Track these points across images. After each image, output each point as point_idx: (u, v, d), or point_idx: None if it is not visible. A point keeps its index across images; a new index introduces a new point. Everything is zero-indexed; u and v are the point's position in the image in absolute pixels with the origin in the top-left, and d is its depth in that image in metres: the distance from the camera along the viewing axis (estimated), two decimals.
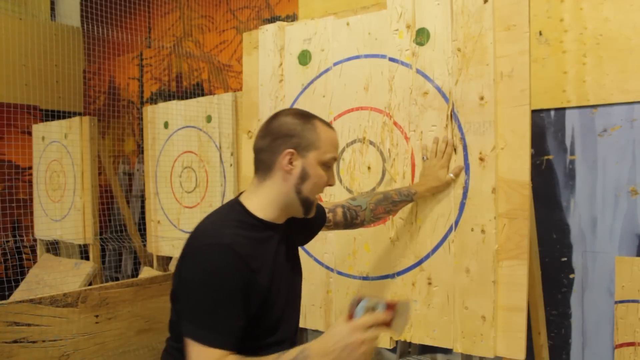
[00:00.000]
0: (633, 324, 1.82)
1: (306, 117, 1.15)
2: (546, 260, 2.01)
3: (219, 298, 1.00)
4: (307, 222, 1.31)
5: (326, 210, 1.41)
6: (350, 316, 0.97)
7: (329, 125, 1.18)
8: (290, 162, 1.11)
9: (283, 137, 1.11)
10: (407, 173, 1.60)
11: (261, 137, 1.15)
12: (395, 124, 1.63)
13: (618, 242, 1.91)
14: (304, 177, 1.12)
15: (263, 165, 1.14)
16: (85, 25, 3.43)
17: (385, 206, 1.48)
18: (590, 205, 1.97)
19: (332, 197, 1.74)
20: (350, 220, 1.45)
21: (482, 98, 1.47)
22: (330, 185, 1.18)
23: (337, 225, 1.44)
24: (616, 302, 1.87)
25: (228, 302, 1.01)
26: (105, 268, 3.89)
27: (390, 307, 0.98)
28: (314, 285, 1.77)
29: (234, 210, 1.14)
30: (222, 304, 1.00)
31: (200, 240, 1.06)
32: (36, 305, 1.76)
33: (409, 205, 1.58)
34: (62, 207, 3.52)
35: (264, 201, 1.13)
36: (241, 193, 1.20)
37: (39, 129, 3.73)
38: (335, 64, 1.75)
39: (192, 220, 2.90)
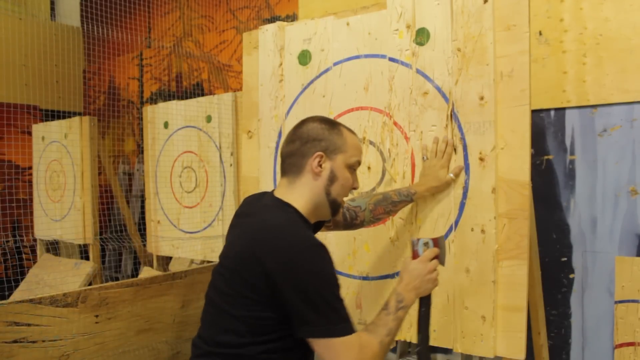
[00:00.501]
0: (633, 324, 1.82)
1: (332, 123, 1.24)
2: (546, 260, 2.01)
3: (335, 291, 1.08)
4: None
5: None
6: (415, 254, 1.28)
7: (353, 131, 1.26)
8: (320, 165, 1.18)
9: (312, 141, 1.19)
10: (407, 173, 1.60)
11: (290, 142, 1.22)
12: (395, 124, 1.63)
13: (618, 242, 1.92)
14: (332, 179, 1.19)
15: (294, 168, 1.20)
16: (85, 25, 3.43)
17: (384, 207, 1.49)
18: (590, 205, 1.97)
19: None
20: (350, 220, 1.46)
21: (482, 98, 1.47)
22: (355, 188, 1.25)
23: (336, 226, 1.45)
24: (616, 302, 1.87)
25: (339, 294, 1.09)
26: (105, 268, 3.89)
27: (435, 242, 1.29)
28: None
29: (292, 212, 1.18)
30: (338, 295, 1.08)
31: (296, 243, 1.08)
32: (36, 305, 1.76)
33: (409, 205, 1.58)
34: (62, 207, 3.52)
35: (301, 202, 1.19)
36: (273, 192, 1.24)
37: (39, 129, 3.73)
38: (335, 64, 1.75)
39: (192, 220, 2.90)
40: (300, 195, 1.19)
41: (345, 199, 1.51)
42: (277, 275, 1.05)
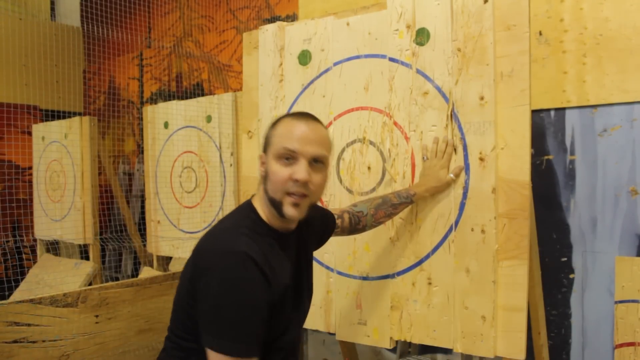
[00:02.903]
0: (633, 324, 1.82)
1: (281, 117, 1.15)
2: (546, 260, 2.01)
3: (241, 308, 0.99)
4: (319, 228, 1.33)
5: (335, 217, 1.41)
6: None
7: (298, 117, 1.12)
8: (262, 164, 1.13)
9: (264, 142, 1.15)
10: (407, 173, 1.60)
11: None
12: (395, 124, 1.63)
13: (618, 242, 1.92)
14: (265, 176, 1.11)
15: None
16: (85, 25, 3.43)
17: (385, 210, 1.48)
18: (590, 205, 1.96)
19: (332, 197, 1.74)
20: (354, 225, 1.46)
21: (482, 98, 1.47)
22: (295, 180, 1.06)
23: (343, 231, 1.45)
24: (616, 302, 1.87)
25: (249, 311, 1.00)
26: (105, 268, 3.89)
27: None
28: (314, 285, 1.77)
29: (249, 217, 1.13)
30: (244, 313, 0.99)
31: (218, 249, 1.04)
32: (36, 305, 1.76)
33: (409, 205, 1.58)
34: (62, 207, 3.52)
35: (259, 205, 1.14)
36: (253, 196, 1.18)
37: (39, 129, 3.73)
38: (335, 64, 1.75)
39: (192, 220, 2.90)
40: (262, 199, 1.14)
41: (347, 205, 1.51)
42: (196, 279, 1.04)
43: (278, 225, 1.13)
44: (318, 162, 1.09)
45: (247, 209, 1.14)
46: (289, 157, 1.07)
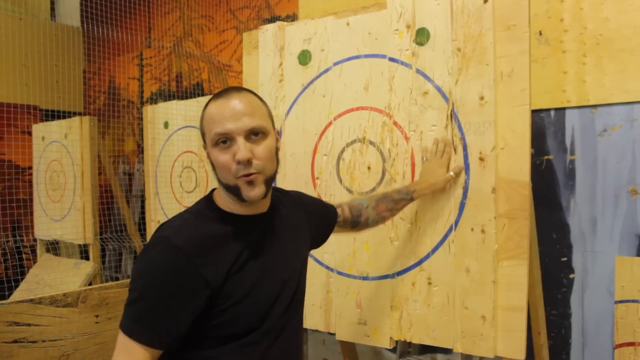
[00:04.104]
0: (633, 324, 1.82)
1: (207, 103, 1.07)
2: (546, 260, 2.01)
3: (145, 290, 0.95)
4: (316, 218, 1.28)
5: (335, 207, 1.39)
6: None
7: (216, 97, 1.05)
8: (208, 156, 1.06)
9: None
10: (407, 173, 1.60)
11: None
12: (395, 124, 1.63)
13: (618, 242, 1.91)
14: (213, 165, 1.05)
15: None
16: (85, 25, 3.43)
17: (387, 204, 1.46)
18: (590, 205, 1.96)
19: (332, 197, 1.74)
20: (356, 217, 1.41)
21: (482, 98, 1.47)
22: (238, 161, 0.99)
23: (345, 223, 1.40)
24: (616, 302, 1.87)
25: (154, 296, 0.95)
26: (105, 268, 3.89)
27: None
28: (314, 285, 1.77)
29: (200, 202, 1.09)
30: (154, 300, 0.95)
31: (151, 237, 1.02)
32: (36, 305, 1.76)
33: (409, 205, 1.58)
34: (62, 207, 3.52)
35: (222, 194, 1.08)
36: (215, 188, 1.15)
37: (39, 129, 3.73)
38: (335, 63, 1.75)
39: None
40: (219, 189, 1.09)
41: (345, 200, 1.48)
42: None
43: (243, 211, 1.06)
44: (257, 134, 1.02)
45: (206, 196, 1.11)
46: (225, 141, 1.00)
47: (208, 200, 1.09)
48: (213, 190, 1.11)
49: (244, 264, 1.03)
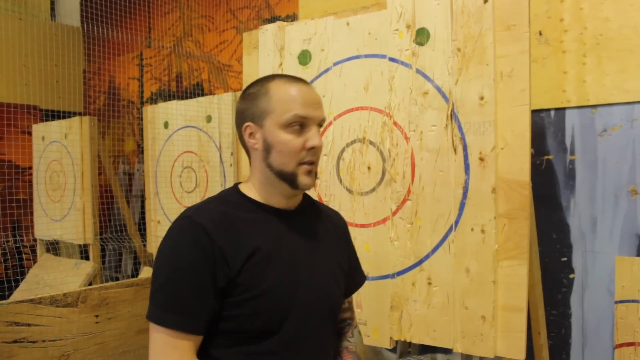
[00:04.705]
0: (633, 324, 1.82)
1: (263, 81, 1.02)
2: (546, 260, 2.01)
3: (179, 275, 0.90)
4: (343, 237, 1.19)
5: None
6: None
7: (291, 80, 1.02)
8: (252, 137, 1.01)
9: (243, 111, 1.02)
10: (406, 173, 1.60)
11: (235, 123, 1.07)
12: (395, 124, 1.63)
13: (618, 242, 1.91)
14: (267, 148, 0.99)
15: (245, 149, 1.05)
16: (85, 25, 3.43)
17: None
18: (590, 205, 1.96)
19: (332, 197, 1.74)
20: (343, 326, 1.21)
21: (482, 98, 1.47)
22: (311, 147, 0.98)
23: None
24: (616, 302, 1.87)
25: (189, 279, 0.90)
26: (105, 268, 3.89)
27: None
28: None
29: (224, 191, 1.07)
30: (183, 281, 0.90)
31: (177, 218, 0.98)
32: (36, 305, 1.76)
33: (409, 205, 1.58)
34: (62, 207, 3.52)
35: (253, 181, 1.04)
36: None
37: (39, 129, 3.73)
38: (335, 63, 1.75)
39: None
40: (253, 174, 1.05)
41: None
42: None
43: (268, 200, 1.03)
44: (321, 126, 1.03)
45: (229, 188, 1.09)
46: (301, 125, 0.98)
47: (235, 186, 1.06)
48: (237, 183, 1.08)
49: (269, 255, 0.97)
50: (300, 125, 0.98)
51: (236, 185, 1.07)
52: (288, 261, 1.00)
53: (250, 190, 1.04)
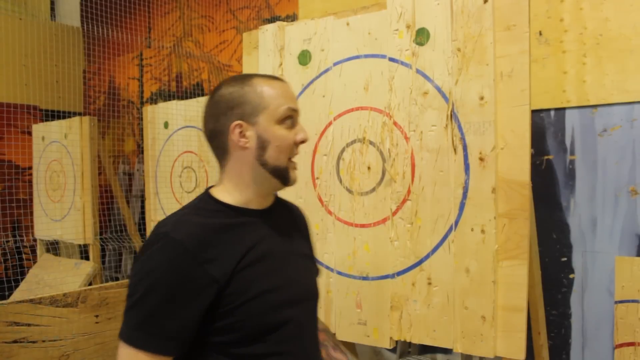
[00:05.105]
0: (633, 324, 1.82)
1: (242, 80, 1.00)
2: (546, 260, 2.01)
3: (153, 295, 0.87)
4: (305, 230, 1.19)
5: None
6: None
7: (271, 77, 1.02)
8: (243, 135, 0.97)
9: (224, 112, 0.98)
10: (406, 173, 1.60)
11: (205, 122, 1.02)
12: (395, 124, 1.63)
13: (618, 242, 1.91)
14: (263, 145, 0.97)
15: (219, 151, 1.01)
16: (85, 25, 3.43)
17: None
18: (590, 205, 1.96)
19: (332, 197, 1.74)
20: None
21: (482, 98, 1.47)
22: (302, 141, 1.00)
23: None
24: (616, 302, 1.87)
25: (164, 300, 0.87)
26: (105, 268, 3.89)
27: None
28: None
29: (199, 197, 1.03)
30: (157, 302, 0.87)
31: (152, 232, 0.94)
32: (36, 305, 1.76)
33: (409, 205, 1.58)
34: (62, 207, 3.52)
35: (229, 186, 1.00)
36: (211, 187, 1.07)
37: (39, 129, 3.73)
38: (335, 64, 1.75)
39: None
40: (229, 179, 1.01)
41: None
42: None
43: (246, 202, 1.01)
44: None
45: (202, 193, 1.04)
46: (291, 118, 0.99)
47: (207, 193, 1.02)
48: (209, 188, 1.05)
49: (256, 261, 0.96)
50: (291, 119, 0.99)
51: (208, 191, 1.03)
52: (273, 261, 1.00)
53: (224, 195, 1.00)
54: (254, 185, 1.00)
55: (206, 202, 1.00)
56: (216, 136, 1.00)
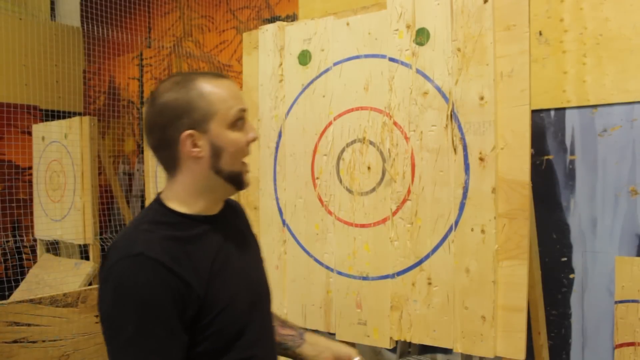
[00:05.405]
0: (633, 324, 1.82)
1: (185, 84, 0.92)
2: (546, 260, 2.01)
3: (152, 323, 0.82)
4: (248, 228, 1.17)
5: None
6: None
7: (214, 76, 0.96)
8: (195, 145, 0.92)
9: (172, 122, 0.91)
10: (407, 173, 1.60)
11: (149, 132, 0.95)
12: (395, 124, 1.63)
13: (618, 242, 1.91)
14: (217, 153, 0.93)
15: (169, 161, 0.96)
16: (85, 25, 3.43)
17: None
18: (590, 205, 1.96)
19: (332, 197, 1.74)
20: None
21: (482, 98, 1.47)
22: (253, 139, 0.97)
23: None
24: (616, 302, 1.87)
25: (161, 325, 0.83)
26: None
27: None
28: (314, 285, 1.77)
29: (150, 209, 0.96)
30: (159, 330, 0.82)
31: (111, 257, 0.87)
32: (36, 305, 1.77)
33: (409, 205, 1.58)
34: (62, 207, 3.52)
35: (183, 195, 0.95)
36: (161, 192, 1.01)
37: (39, 129, 3.73)
38: (335, 64, 1.75)
39: None
40: (182, 187, 0.95)
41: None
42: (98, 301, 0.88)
43: (200, 210, 0.97)
44: None
45: (152, 204, 0.98)
46: (242, 119, 0.95)
47: (159, 204, 0.96)
48: (158, 195, 0.99)
49: (221, 269, 0.94)
50: (242, 120, 0.95)
51: (161, 201, 0.97)
52: (233, 267, 0.98)
53: (179, 205, 0.95)
54: (208, 194, 0.96)
55: (162, 214, 0.94)
56: (164, 147, 0.94)
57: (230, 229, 1.03)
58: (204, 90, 0.92)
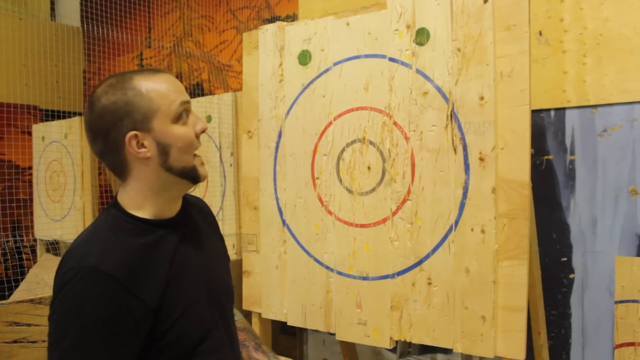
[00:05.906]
0: (633, 324, 1.82)
1: (122, 84, 0.89)
2: (546, 260, 2.01)
3: (91, 337, 0.81)
4: (211, 224, 1.16)
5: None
6: None
7: (151, 72, 0.93)
8: (141, 146, 0.89)
9: (113, 125, 0.88)
10: (407, 173, 1.60)
11: (93, 139, 0.91)
12: (395, 124, 1.63)
13: (618, 242, 1.91)
14: (165, 150, 0.90)
15: (117, 168, 0.93)
16: (85, 25, 3.43)
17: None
18: (590, 205, 1.96)
19: (332, 197, 1.74)
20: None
21: (482, 98, 1.47)
22: (202, 130, 0.95)
23: None
24: (616, 302, 1.87)
25: (104, 341, 0.81)
26: None
27: None
28: (314, 285, 1.77)
29: (110, 215, 0.93)
30: (97, 343, 0.81)
31: (65, 264, 0.85)
32: (36, 305, 1.76)
33: (409, 205, 1.58)
34: (62, 207, 3.52)
35: (138, 199, 0.93)
36: (115, 197, 0.98)
37: (39, 129, 3.73)
38: (335, 64, 1.75)
39: None
40: (137, 191, 0.93)
41: None
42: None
43: (158, 213, 0.95)
44: None
45: (110, 208, 0.96)
46: (186, 111, 0.92)
47: (119, 209, 0.93)
48: (116, 197, 0.96)
49: (178, 274, 0.92)
50: (186, 112, 0.93)
51: (119, 206, 0.94)
52: (192, 271, 0.96)
53: (136, 209, 0.93)
54: (163, 193, 0.94)
55: (121, 220, 0.92)
56: (111, 153, 0.91)
57: (192, 230, 1.02)
58: (141, 88, 0.89)
